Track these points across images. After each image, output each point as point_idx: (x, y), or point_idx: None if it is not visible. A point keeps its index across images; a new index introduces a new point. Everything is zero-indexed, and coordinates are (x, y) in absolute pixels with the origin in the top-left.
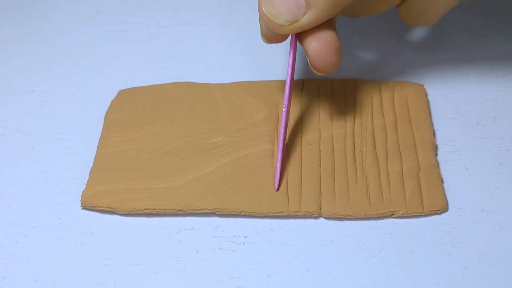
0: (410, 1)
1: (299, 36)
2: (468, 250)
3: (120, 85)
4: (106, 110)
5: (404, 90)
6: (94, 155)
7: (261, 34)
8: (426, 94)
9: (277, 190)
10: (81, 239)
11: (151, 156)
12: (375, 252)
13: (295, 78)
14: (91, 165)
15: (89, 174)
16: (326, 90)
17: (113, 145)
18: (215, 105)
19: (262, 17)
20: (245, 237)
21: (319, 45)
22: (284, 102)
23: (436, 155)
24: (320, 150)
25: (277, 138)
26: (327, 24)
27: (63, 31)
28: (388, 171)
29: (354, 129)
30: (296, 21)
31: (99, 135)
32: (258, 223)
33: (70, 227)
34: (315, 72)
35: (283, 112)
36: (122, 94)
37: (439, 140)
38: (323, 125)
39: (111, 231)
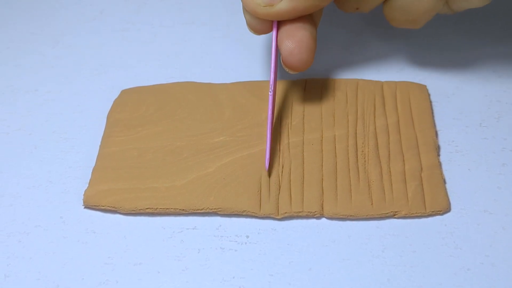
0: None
1: (277, 34)
2: (470, 251)
3: (123, 85)
4: (109, 109)
5: (406, 90)
6: (97, 154)
7: (247, 24)
8: (429, 95)
9: (267, 170)
10: (84, 238)
11: (154, 156)
12: (377, 252)
13: (297, 78)
14: (94, 164)
15: (92, 173)
16: (329, 90)
17: (116, 145)
18: (218, 105)
19: None
20: (247, 237)
21: (292, 44)
22: (270, 87)
23: (439, 155)
24: (322, 150)
25: (280, 136)
26: (305, 22)
27: (66, 31)
28: (390, 171)
29: (356, 129)
30: (272, 5)
31: (102, 134)
32: (260, 223)
33: (73, 226)
34: (286, 70)
35: (270, 96)
36: (125, 93)
37: (441, 141)
38: (325, 125)
39: (113, 230)
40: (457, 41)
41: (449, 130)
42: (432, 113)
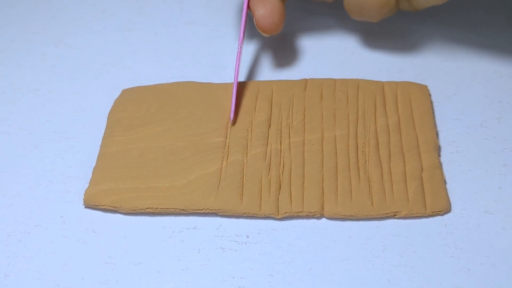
0: None
1: (249, 2)
2: (471, 252)
3: (124, 84)
4: (110, 109)
5: (407, 90)
6: (98, 154)
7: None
8: (430, 95)
9: (232, 122)
10: (84, 238)
11: (154, 155)
12: (378, 252)
13: (298, 78)
14: (94, 164)
15: (92, 172)
16: (329, 90)
17: (117, 144)
18: (219, 105)
19: None
20: (247, 236)
21: (264, 8)
22: (239, 44)
23: (439, 156)
24: (323, 150)
25: (280, 136)
26: None
27: (68, 30)
28: (391, 171)
29: (357, 130)
30: None
31: (103, 134)
32: (260, 223)
33: (73, 226)
34: (261, 32)
35: (238, 52)
36: (126, 93)
37: (442, 141)
38: (326, 125)
39: (113, 230)
40: (458, 42)
41: (450, 131)
42: (433, 113)
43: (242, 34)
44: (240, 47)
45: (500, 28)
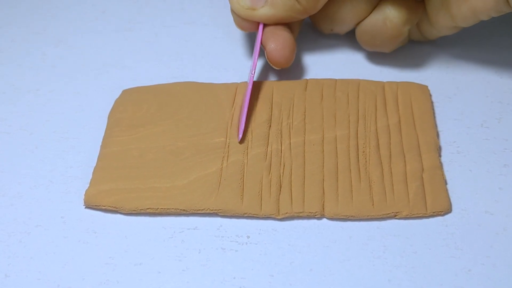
0: (363, 24)
1: (262, 36)
2: (471, 252)
3: (124, 84)
4: (110, 109)
5: (408, 90)
6: (98, 154)
7: (234, 22)
8: (430, 95)
9: (239, 141)
10: (84, 238)
11: (155, 156)
12: (378, 253)
13: (299, 78)
14: (95, 164)
15: (93, 173)
16: (330, 91)
17: (117, 144)
18: (219, 105)
19: None
20: (248, 237)
21: (275, 45)
22: (252, 70)
23: (440, 156)
24: (323, 151)
25: (281, 136)
26: (286, 27)
27: (68, 30)
28: (391, 172)
29: (357, 130)
30: (254, 9)
31: (103, 134)
32: (261, 223)
33: (73, 226)
34: (272, 66)
35: (251, 77)
36: (126, 93)
37: (443, 141)
38: (327, 126)
39: (114, 230)
40: (459, 42)
41: (451, 131)
42: (434, 113)
43: (255, 59)
44: (253, 74)
45: (501, 28)
